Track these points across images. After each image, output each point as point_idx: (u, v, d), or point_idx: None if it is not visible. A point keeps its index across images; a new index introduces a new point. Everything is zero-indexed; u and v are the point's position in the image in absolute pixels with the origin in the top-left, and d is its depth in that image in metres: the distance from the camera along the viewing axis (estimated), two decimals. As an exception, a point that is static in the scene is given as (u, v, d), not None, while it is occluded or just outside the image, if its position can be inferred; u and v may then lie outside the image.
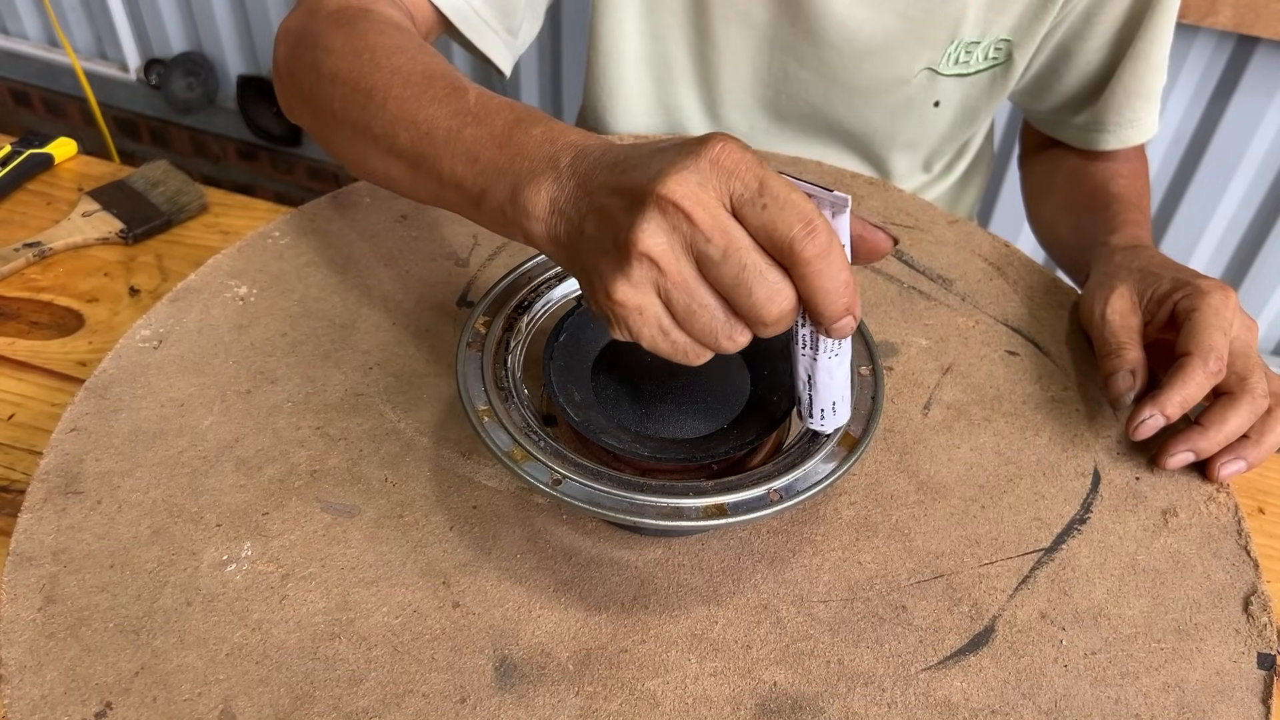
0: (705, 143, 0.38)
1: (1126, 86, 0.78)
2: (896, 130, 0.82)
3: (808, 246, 0.37)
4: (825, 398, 0.44)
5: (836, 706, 0.44)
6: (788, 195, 0.37)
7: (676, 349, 0.40)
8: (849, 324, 0.39)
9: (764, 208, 0.37)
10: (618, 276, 0.38)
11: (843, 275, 0.38)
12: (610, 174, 0.40)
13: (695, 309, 0.38)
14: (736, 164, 0.37)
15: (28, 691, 0.42)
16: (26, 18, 2.17)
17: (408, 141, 0.50)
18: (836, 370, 0.43)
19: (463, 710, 0.43)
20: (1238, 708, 0.46)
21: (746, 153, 0.38)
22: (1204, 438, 0.54)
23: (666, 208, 0.37)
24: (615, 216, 0.39)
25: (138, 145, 2.22)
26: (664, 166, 0.38)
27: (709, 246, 0.37)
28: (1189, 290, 0.57)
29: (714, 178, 0.37)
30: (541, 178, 0.43)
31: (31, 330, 0.67)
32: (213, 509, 0.50)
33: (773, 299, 0.38)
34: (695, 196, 0.37)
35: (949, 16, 0.74)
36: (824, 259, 0.37)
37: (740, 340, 0.39)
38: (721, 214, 0.37)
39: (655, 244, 0.37)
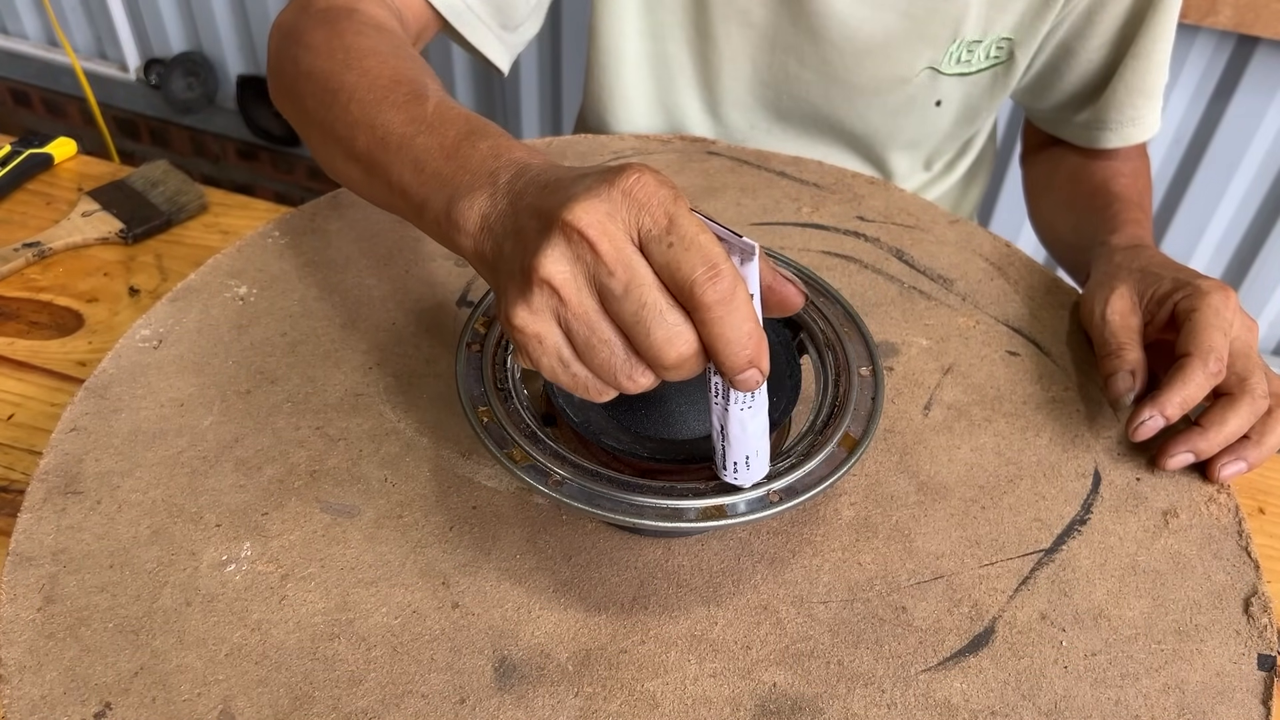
0: (621, 172, 0.37)
1: (1128, 84, 0.78)
2: (898, 129, 0.82)
3: (708, 291, 0.35)
4: (738, 450, 0.42)
5: (836, 707, 0.44)
6: (695, 236, 0.35)
7: (577, 383, 0.39)
8: (753, 377, 0.37)
9: (670, 246, 0.35)
10: (519, 301, 0.37)
11: (745, 326, 0.36)
12: (538, 195, 0.39)
13: (595, 343, 0.37)
14: (649, 197, 0.36)
15: (27, 692, 0.42)
16: (26, 18, 2.17)
17: (364, 145, 0.50)
18: (750, 423, 0.41)
19: (462, 711, 0.43)
20: (1238, 709, 0.46)
21: (662, 187, 0.36)
22: (1204, 439, 0.54)
23: (572, 235, 0.36)
24: (528, 239, 0.38)
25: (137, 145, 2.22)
26: (577, 193, 0.36)
27: (611, 280, 0.36)
28: (1189, 290, 0.57)
29: (624, 209, 0.36)
30: (478, 193, 0.42)
31: (31, 330, 0.67)
32: (212, 509, 0.50)
33: (671, 342, 0.36)
34: (601, 226, 0.36)
35: (950, 15, 0.74)
36: (725, 306, 0.35)
37: (642, 381, 0.38)
38: (627, 247, 0.36)
39: (557, 271, 0.36)
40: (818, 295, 0.54)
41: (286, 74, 0.58)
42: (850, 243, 0.69)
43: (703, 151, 0.76)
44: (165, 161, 0.82)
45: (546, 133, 1.86)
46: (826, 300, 0.54)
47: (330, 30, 0.57)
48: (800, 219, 0.70)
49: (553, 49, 1.72)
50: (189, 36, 2.09)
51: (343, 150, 0.52)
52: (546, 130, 1.84)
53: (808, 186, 0.74)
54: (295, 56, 0.57)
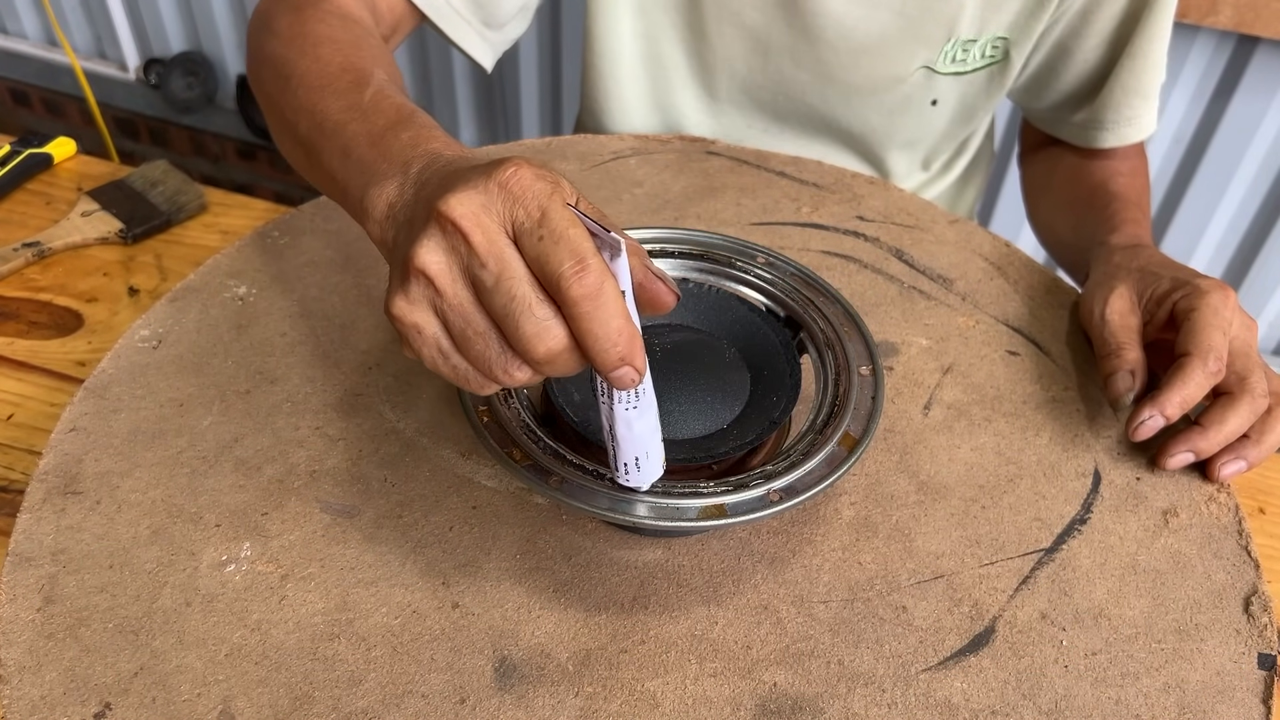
0: (500, 165, 0.37)
1: (1124, 84, 0.78)
2: (894, 129, 0.82)
3: (574, 286, 0.35)
4: (627, 451, 0.41)
5: (837, 707, 0.44)
6: (564, 230, 0.35)
7: (457, 374, 0.38)
8: (627, 375, 0.36)
9: (540, 239, 0.35)
10: (398, 291, 0.38)
11: (614, 322, 0.35)
12: (437, 187, 0.39)
13: (470, 335, 0.37)
14: (524, 190, 0.36)
15: (27, 692, 0.42)
16: (26, 17, 2.17)
17: (305, 130, 0.52)
18: (636, 423, 0.40)
19: (462, 711, 0.43)
20: (1238, 708, 0.46)
21: (540, 180, 0.36)
22: (1203, 438, 0.54)
23: (446, 226, 0.36)
24: (414, 231, 0.38)
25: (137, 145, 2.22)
26: (455, 184, 0.37)
27: (483, 272, 0.36)
28: (1188, 290, 0.57)
29: (499, 201, 0.36)
30: (389, 181, 0.43)
31: (31, 330, 0.67)
32: (212, 509, 0.50)
33: (539, 336, 0.36)
34: (475, 218, 0.36)
35: (945, 14, 0.74)
36: (592, 301, 0.35)
37: (519, 376, 0.37)
38: (500, 240, 0.36)
39: (431, 261, 0.36)
40: (818, 295, 0.54)
41: (255, 59, 0.61)
42: (850, 242, 0.69)
43: (702, 151, 0.76)
44: (165, 161, 0.82)
45: (546, 133, 1.86)
46: (826, 300, 0.54)
47: (295, 17, 0.59)
48: (800, 219, 0.70)
49: (553, 49, 1.72)
50: (189, 36, 2.09)
51: (289, 133, 0.54)
52: (546, 130, 1.84)
53: (807, 186, 0.73)
54: (262, 42, 0.60)
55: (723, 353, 0.51)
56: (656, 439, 0.41)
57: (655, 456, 0.42)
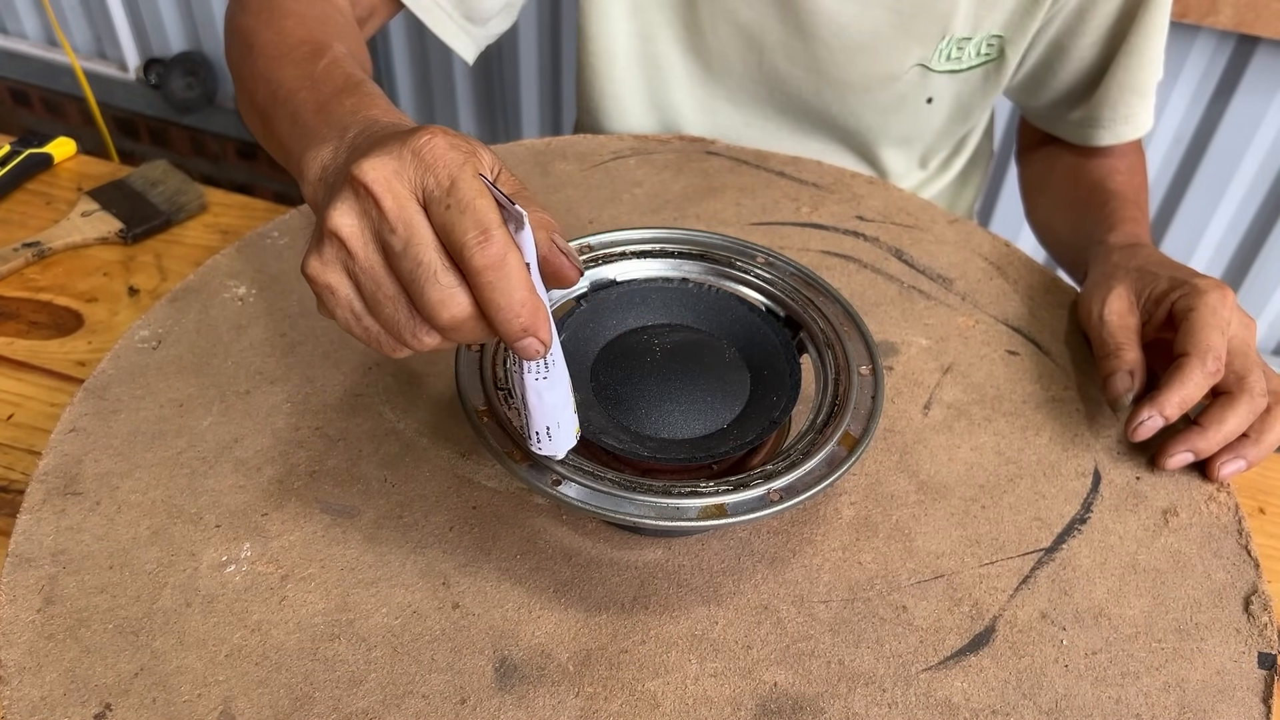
0: (415, 132, 0.37)
1: (1121, 82, 0.77)
2: (890, 126, 0.82)
3: (477, 255, 0.35)
4: (538, 420, 0.41)
5: (837, 707, 0.44)
6: (472, 200, 0.36)
7: (369, 336, 0.39)
8: (531, 345, 0.37)
9: (447, 208, 0.36)
10: (313, 252, 0.38)
11: (517, 293, 0.36)
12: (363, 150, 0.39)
13: (380, 298, 0.38)
14: (436, 158, 0.37)
15: (27, 693, 0.42)
16: (26, 17, 2.17)
17: (262, 98, 0.53)
18: (547, 394, 0.40)
19: (463, 711, 0.43)
20: (1238, 707, 0.46)
21: (452, 150, 0.37)
22: (1203, 438, 0.54)
23: (359, 190, 0.37)
24: (333, 192, 0.39)
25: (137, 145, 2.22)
26: (372, 149, 0.37)
27: (392, 237, 0.36)
28: (1186, 289, 0.57)
29: (411, 168, 0.37)
30: (324, 145, 0.43)
31: (31, 330, 0.67)
32: (212, 510, 0.50)
33: (444, 304, 0.36)
34: (386, 183, 0.36)
35: (939, 12, 0.74)
36: (495, 271, 0.35)
37: (427, 341, 0.38)
38: (410, 206, 0.36)
39: (344, 224, 0.37)
40: (817, 295, 0.54)
41: (227, 31, 0.63)
42: (849, 242, 0.69)
43: (702, 151, 0.76)
44: (165, 161, 0.82)
45: (546, 133, 1.86)
46: (826, 300, 0.54)
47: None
48: (799, 219, 0.70)
49: (553, 49, 1.72)
50: (189, 36, 2.09)
51: (248, 101, 0.56)
52: (546, 130, 1.84)
53: (807, 186, 0.74)
54: (234, 15, 0.62)
55: (723, 353, 0.51)
56: (568, 410, 0.42)
57: (567, 427, 0.42)
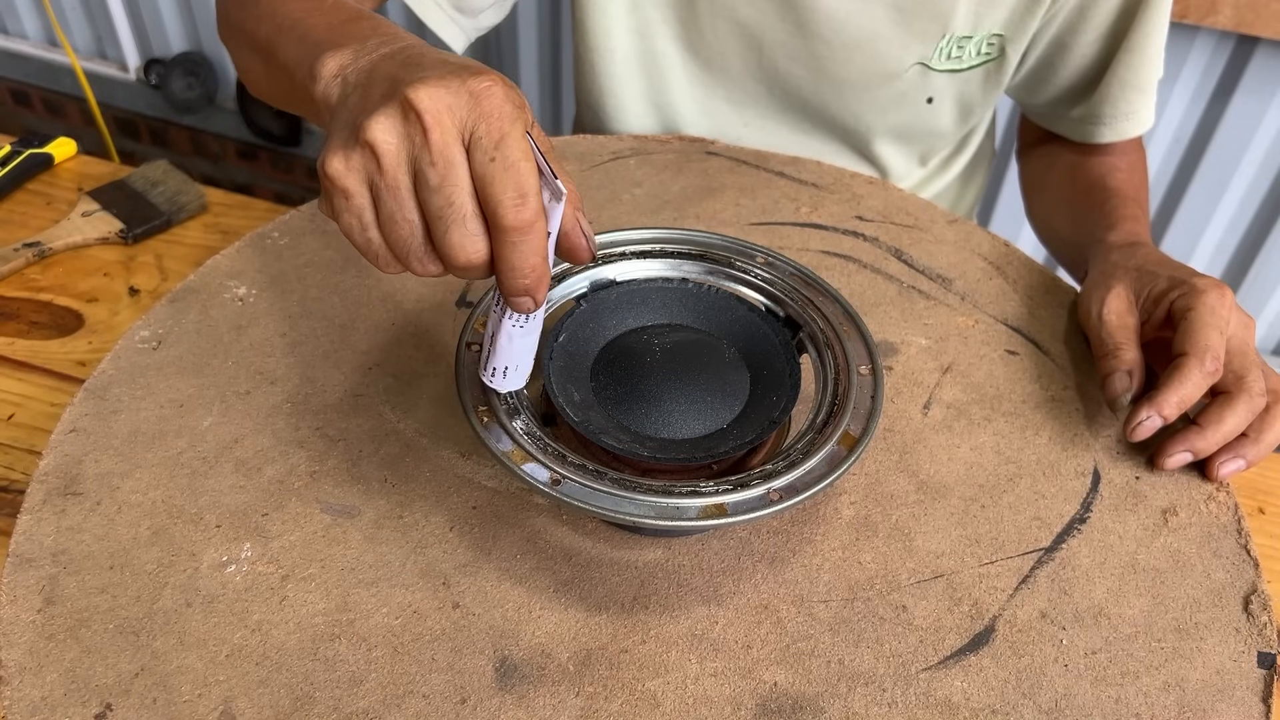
0: (479, 74, 0.38)
1: (1121, 79, 0.77)
2: (890, 126, 0.82)
3: (510, 215, 0.37)
4: (501, 359, 0.44)
5: (837, 706, 0.44)
6: (517, 161, 0.37)
7: (369, 249, 0.40)
8: (526, 304, 0.39)
9: (492, 161, 0.37)
10: (339, 152, 0.38)
11: (533, 259, 0.38)
12: (399, 66, 0.40)
13: (398, 219, 0.38)
14: (493, 108, 0.37)
15: (27, 693, 0.42)
16: (26, 18, 2.17)
17: (265, 35, 0.52)
18: (519, 340, 0.43)
19: (463, 711, 0.43)
20: (1238, 707, 0.46)
21: (508, 102, 0.37)
22: (1201, 438, 0.54)
23: (409, 113, 0.37)
24: (370, 99, 0.39)
25: (137, 145, 2.22)
26: (430, 75, 0.37)
27: (430, 169, 0.37)
28: (1185, 289, 0.57)
29: (466, 108, 0.37)
30: (342, 50, 0.43)
31: (31, 330, 0.67)
32: (212, 510, 0.50)
33: (463, 246, 0.38)
34: (437, 115, 0.37)
35: (939, 10, 0.74)
36: (521, 234, 0.37)
37: (431, 269, 0.39)
38: (454, 144, 0.37)
39: (383, 139, 0.37)
40: (817, 295, 0.54)
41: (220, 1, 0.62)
42: (849, 242, 0.69)
43: (701, 151, 0.76)
44: (165, 161, 0.82)
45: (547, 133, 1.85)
46: (826, 299, 0.54)
47: None
48: (799, 219, 0.70)
49: (553, 49, 1.72)
50: (189, 36, 2.09)
51: (249, 45, 0.55)
52: (546, 129, 1.84)
53: (806, 186, 0.74)
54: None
55: (723, 353, 0.51)
56: (529, 358, 0.44)
57: (523, 371, 0.45)
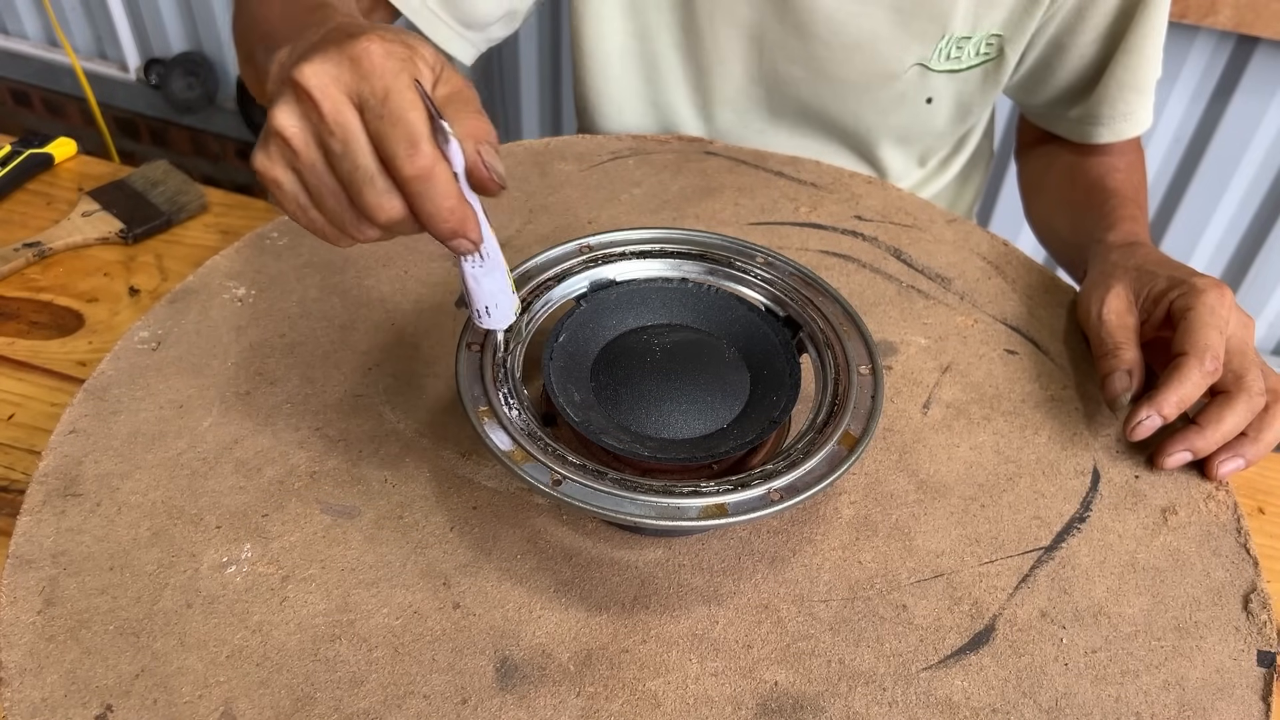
0: (355, 38, 0.38)
1: (1120, 80, 0.77)
2: (889, 126, 0.82)
3: (406, 166, 0.37)
4: (478, 300, 0.45)
5: (837, 706, 0.44)
6: (403, 113, 0.37)
7: (315, 226, 0.41)
8: (462, 245, 0.40)
9: (380, 118, 0.37)
10: (261, 148, 0.40)
11: (445, 202, 0.38)
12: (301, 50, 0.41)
13: (324, 193, 0.40)
14: (374, 67, 0.38)
15: (28, 694, 0.42)
16: (26, 18, 2.17)
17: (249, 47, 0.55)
18: (484, 280, 0.44)
19: (464, 711, 0.43)
20: (1238, 705, 0.46)
21: (389, 58, 0.38)
22: (1201, 437, 0.54)
23: (300, 94, 0.38)
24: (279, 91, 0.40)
25: (137, 145, 2.22)
26: (312, 52, 0.39)
27: (331, 140, 0.38)
28: (1185, 289, 0.57)
29: (349, 73, 0.38)
30: (285, 47, 0.45)
31: (31, 330, 0.67)
32: (212, 511, 0.50)
33: (380, 206, 0.39)
34: (324, 89, 0.38)
35: (938, 11, 0.74)
36: (423, 182, 0.38)
37: (370, 234, 0.41)
38: (345, 110, 0.38)
39: (287, 124, 0.39)
40: (817, 295, 0.54)
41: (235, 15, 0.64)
42: (848, 242, 0.69)
43: (700, 151, 0.76)
44: (165, 161, 0.82)
45: (546, 133, 1.86)
46: (825, 299, 0.54)
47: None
48: (798, 218, 0.70)
49: (553, 49, 1.72)
50: (189, 36, 2.09)
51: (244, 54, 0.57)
52: (547, 130, 1.84)
53: (805, 186, 0.74)
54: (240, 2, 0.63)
55: (723, 353, 0.51)
56: (505, 294, 0.46)
57: (505, 306, 0.46)
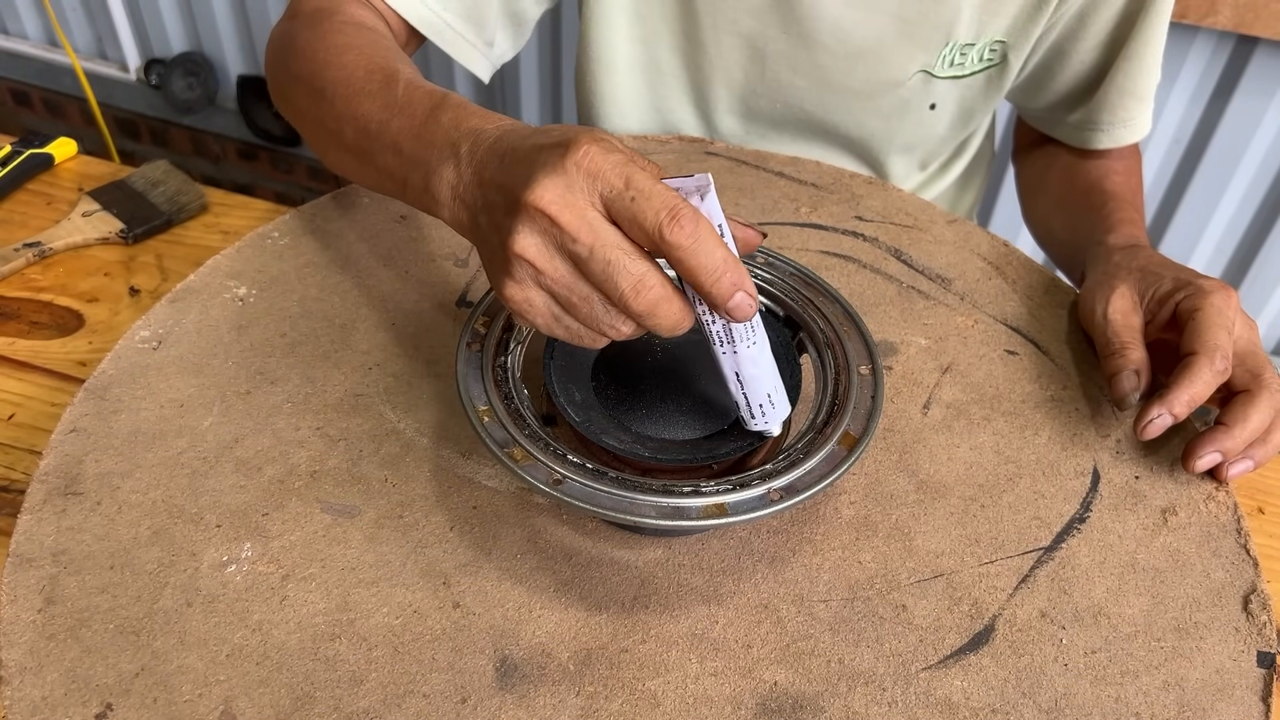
0: (571, 147, 0.40)
1: (1120, 86, 0.78)
2: (892, 133, 0.82)
3: (673, 230, 0.38)
4: (759, 390, 0.44)
5: (837, 706, 0.44)
6: (652, 187, 0.39)
7: (571, 334, 0.43)
8: (744, 301, 0.40)
9: (632, 200, 0.39)
10: (505, 277, 0.42)
11: (718, 253, 0.39)
12: (499, 169, 0.43)
13: (575, 301, 0.41)
14: (600, 166, 0.39)
15: (28, 693, 0.42)
16: (26, 18, 2.17)
17: (351, 136, 0.54)
18: (760, 359, 0.43)
19: (464, 710, 0.43)
20: (1238, 706, 0.46)
21: (612, 153, 0.40)
22: (1230, 437, 0.54)
23: (535, 214, 0.40)
24: (498, 218, 0.42)
25: (138, 145, 2.22)
26: (534, 173, 0.40)
27: (576, 246, 0.39)
28: (1191, 290, 0.57)
29: (580, 180, 0.39)
30: (444, 166, 0.46)
31: (31, 330, 0.67)
32: (213, 510, 0.50)
33: (637, 290, 0.39)
34: (562, 201, 0.39)
35: (942, 18, 0.74)
36: (692, 239, 0.38)
37: (624, 329, 0.42)
38: (589, 214, 0.39)
39: (528, 246, 0.40)
40: (817, 295, 0.54)
41: (280, 79, 0.63)
42: (849, 242, 0.69)
43: (701, 152, 0.76)
44: (165, 161, 0.82)
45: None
46: (826, 300, 0.54)
47: (313, 33, 0.61)
48: (799, 219, 0.70)
49: (553, 50, 1.72)
50: (189, 36, 2.09)
51: (335, 143, 0.57)
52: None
53: (806, 186, 0.74)
54: (285, 62, 0.62)
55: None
56: (777, 374, 0.45)
57: (781, 390, 0.45)
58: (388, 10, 0.68)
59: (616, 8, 0.78)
